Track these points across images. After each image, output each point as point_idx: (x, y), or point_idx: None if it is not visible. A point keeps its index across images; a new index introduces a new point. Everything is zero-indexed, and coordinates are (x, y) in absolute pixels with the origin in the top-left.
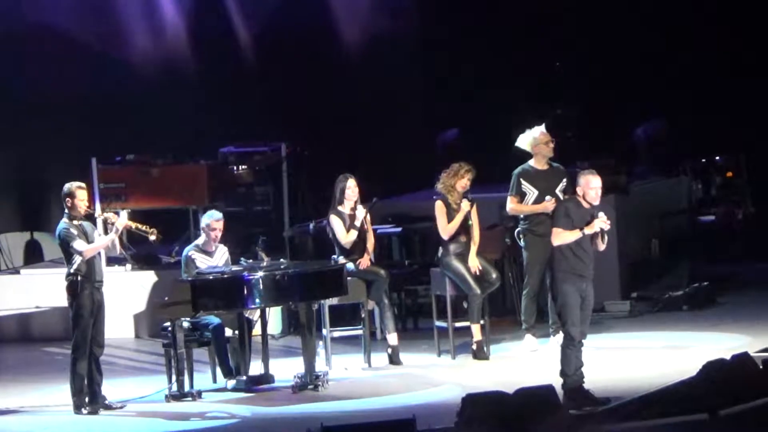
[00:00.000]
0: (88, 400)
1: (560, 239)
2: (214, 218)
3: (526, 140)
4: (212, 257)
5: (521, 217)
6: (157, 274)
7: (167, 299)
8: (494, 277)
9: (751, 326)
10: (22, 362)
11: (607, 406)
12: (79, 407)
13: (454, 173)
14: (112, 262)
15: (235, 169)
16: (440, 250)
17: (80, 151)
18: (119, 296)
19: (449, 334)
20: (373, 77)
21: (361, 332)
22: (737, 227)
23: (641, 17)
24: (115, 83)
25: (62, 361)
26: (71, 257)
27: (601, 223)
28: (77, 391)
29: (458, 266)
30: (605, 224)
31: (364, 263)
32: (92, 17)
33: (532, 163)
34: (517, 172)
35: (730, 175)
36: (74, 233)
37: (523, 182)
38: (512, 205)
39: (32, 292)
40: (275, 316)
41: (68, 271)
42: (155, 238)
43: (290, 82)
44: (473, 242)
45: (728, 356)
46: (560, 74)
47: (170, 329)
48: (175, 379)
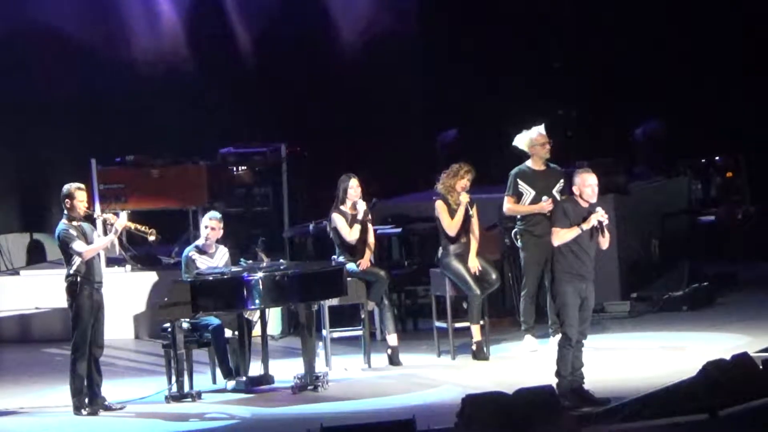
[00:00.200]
0: (87, 400)
1: (560, 238)
2: (211, 217)
3: (523, 140)
4: (212, 258)
5: (518, 217)
6: (156, 275)
7: (167, 300)
8: (494, 277)
9: (750, 326)
10: (21, 363)
11: (607, 406)
12: (78, 408)
13: (453, 174)
14: (111, 263)
15: (234, 169)
16: (440, 250)
17: (80, 152)
18: (119, 297)
19: (449, 334)
20: (372, 78)
21: (360, 333)
22: (737, 227)
23: (641, 18)
24: (115, 84)
25: (62, 361)
26: (71, 258)
27: (598, 216)
28: (77, 391)
29: (458, 267)
30: (603, 217)
31: (364, 264)
32: (92, 19)
33: (529, 163)
34: (514, 172)
35: (729, 175)
36: (73, 234)
37: (520, 182)
38: (509, 205)
39: (32, 292)
40: (275, 316)
41: (68, 272)
42: (154, 238)
43: (290, 83)
44: (473, 236)
45: (728, 356)
46: (560, 74)
47: (170, 330)
48: (174, 379)
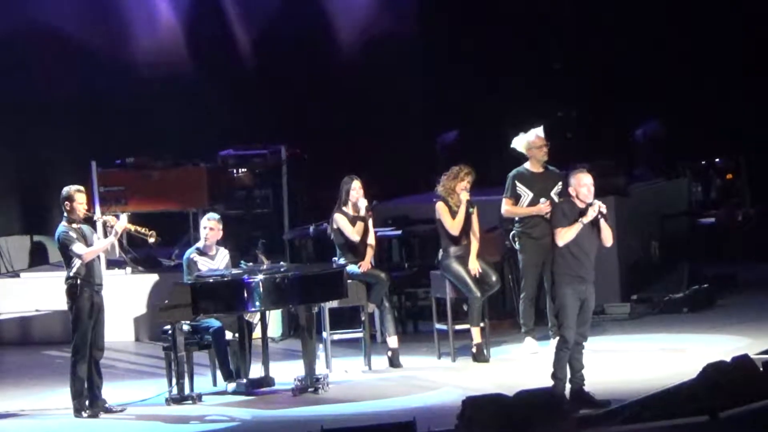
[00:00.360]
0: (88, 403)
1: (563, 238)
2: (209, 218)
3: (521, 142)
4: (213, 260)
5: (516, 219)
6: (157, 277)
7: (167, 302)
8: (494, 279)
9: (751, 328)
10: (22, 365)
11: (607, 408)
12: (79, 410)
13: (453, 176)
14: (112, 265)
15: (234, 172)
16: (440, 252)
17: (80, 153)
18: (119, 299)
19: (449, 336)
20: (372, 79)
21: (361, 335)
22: (737, 229)
23: (641, 18)
24: (115, 86)
25: (62, 364)
26: (70, 260)
27: (596, 208)
28: (77, 394)
29: (458, 269)
30: (602, 207)
31: (364, 266)
32: (93, 20)
33: (527, 165)
34: (512, 174)
35: (729, 176)
36: (73, 236)
37: (518, 184)
38: (507, 207)
39: (32, 295)
40: (275, 319)
41: (68, 274)
42: (154, 240)
43: (290, 84)
44: (474, 237)
45: (728, 358)
46: (559, 75)
47: (170, 332)
48: (175, 382)
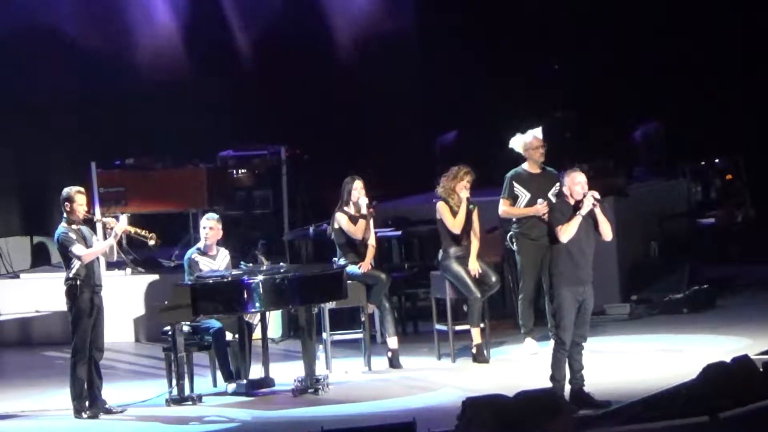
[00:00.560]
0: (88, 404)
1: (566, 233)
2: (208, 218)
3: (518, 143)
4: (214, 260)
5: (513, 220)
6: (157, 278)
7: (167, 303)
8: (494, 280)
9: (751, 329)
10: (22, 366)
11: (607, 408)
12: (79, 411)
13: (453, 176)
14: (112, 266)
15: (234, 172)
16: (440, 253)
17: (80, 155)
18: (119, 300)
19: (449, 337)
20: (371, 80)
21: (361, 336)
22: (737, 230)
23: (640, 19)
24: (114, 87)
25: (62, 365)
26: (70, 261)
27: (589, 197)
28: (77, 395)
29: (458, 269)
30: (594, 194)
31: (364, 266)
32: (93, 21)
33: (525, 166)
34: (509, 175)
35: (729, 177)
36: (73, 237)
37: (515, 185)
38: (504, 207)
39: (32, 296)
40: (275, 319)
41: (67, 275)
42: (154, 243)
43: (289, 85)
44: (474, 237)
45: (728, 359)
46: (559, 76)
47: (170, 333)
48: (175, 383)
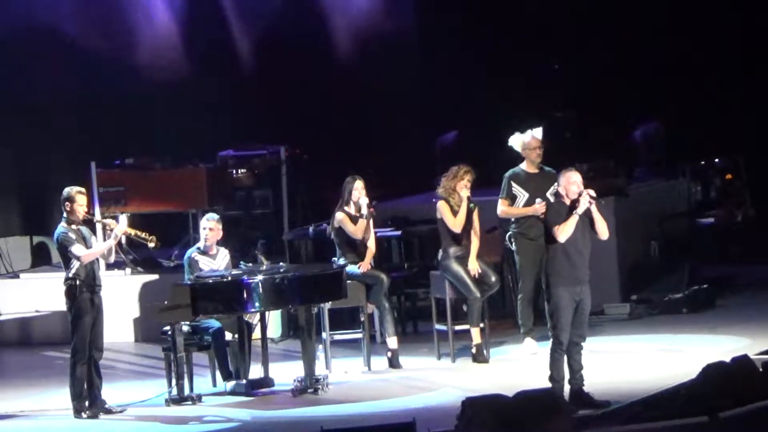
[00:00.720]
0: (88, 404)
1: (563, 233)
2: (208, 218)
3: (517, 141)
4: (214, 260)
5: (512, 220)
6: (157, 278)
7: (167, 303)
8: (494, 280)
9: (750, 329)
10: (22, 366)
11: (607, 408)
12: (79, 411)
13: (453, 176)
14: (111, 266)
15: (234, 172)
16: (440, 253)
17: (79, 154)
18: (119, 300)
19: (449, 337)
20: (372, 80)
21: (360, 336)
22: (737, 229)
23: (640, 20)
24: (114, 87)
25: (62, 365)
26: (69, 261)
27: (585, 195)
28: (77, 395)
29: (458, 269)
30: (590, 192)
31: (364, 266)
32: (93, 21)
33: (523, 166)
34: (508, 175)
35: (729, 177)
36: (73, 238)
37: (513, 185)
38: (503, 207)
39: (32, 296)
40: (275, 319)
41: (67, 275)
42: (154, 245)
43: (289, 85)
44: (475, 235)
45: (728, 359)
46: (559, 76)
47: (170, 333)
48: (175, 382)
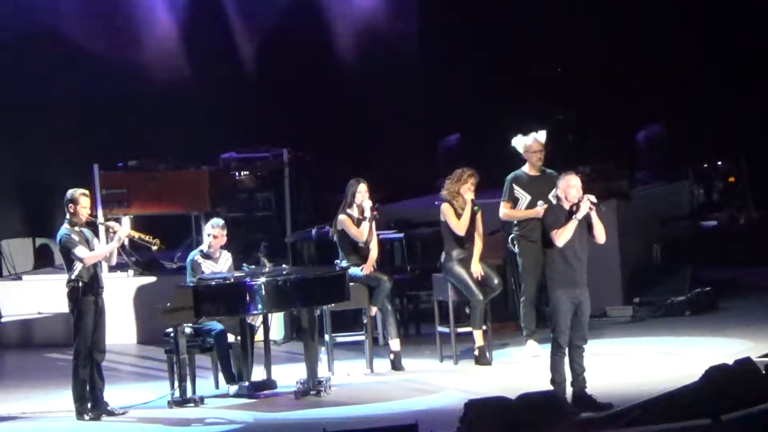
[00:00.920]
0: (90, 406)
1: (562, 237)
2: (213, 223)
3: (519, 143)
4: (217, 263)
5: (514, 223)
6: (159, 280)
7: (169, 305)
8: (496, 282)
9: (753, 331)
10: (24, 368)
11: (609, 411)
12: (81, 413)
13: (457, 179)
14: (114, 268)
15: (237, 174)
16: (442, 255)
17: (82, 156)
18: (121, 302)
19: (451, 339)
20: (374, 82)
21: (363, 338)
22: (739, 232)
23: (641, 21)
24: (117, 89)
25: (64, 367)
26: (72, 263)
27: (586, 201)
28: (79, 397)
29: (460, 272)
30: (591, 198)
31: (367, 268)
32: (95, 22)
33: (525, 168)
34: (509, 177)
35: (732, 179)
36: (76, 240)
37: (515, 188)
38: (505, 210)
39: (34, 297)
40: (277, 321)
41: (69, 277)
42: (157, 248)
43: (292, 87)
44: (478, 237)
45: (731, 361)
46: (561, 78)
47: (173, 335)
48: (177, 385)
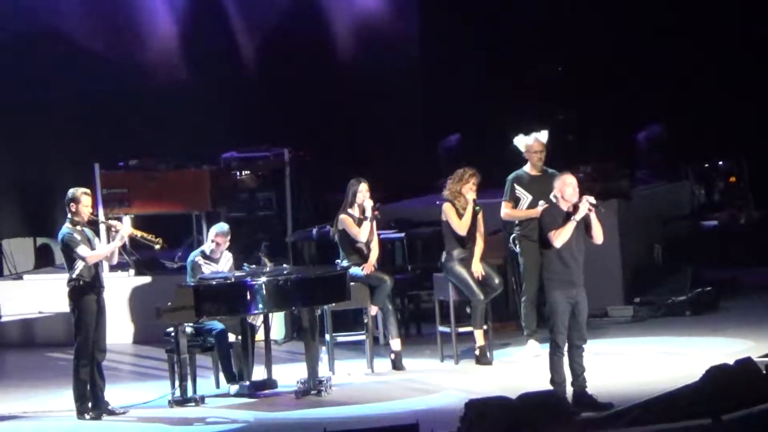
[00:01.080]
0: (91, 405)
1: (560, 238)
2: (218, 231)
3: (521, 142)
4: (217, 263)
5: (516, 222)
6: (160, 279)
7: (170, 304)
8: (497, 282)
9: (754, 331)
10: (24, 367)
11: (610, 411)
12: (82, 413)
13: (458, 179)
14: (114, 267)
15: (237, 174)
16: (443, 255)
17: (83, 156)
18: (122, 301)
19: (452, 339)
20: (374, 82)
21: (364, 337)
22: (740, 231)
23: (641, 22)
24: (118, 88)
25: (65, 366)
26: (73, 263)
27: (585, 202)
28: (80, 396)
29: (461, 271)
30: (590, 199)
31: (368, 268)
32: (96, 22)
33: (526, 168)
34: (511, 177)
35: (732, 179)
36: (77, 239)
37: (516, 187)
38: (506, 210)
39: (35, 297)
40: (278, 321)
41: (70, 276)
42: (159, 247)
43: (292, 87)
44: (480, 236)
45: (731, 361)
46: (561, 78)
47: (173, 334)
48: (178, 384)
